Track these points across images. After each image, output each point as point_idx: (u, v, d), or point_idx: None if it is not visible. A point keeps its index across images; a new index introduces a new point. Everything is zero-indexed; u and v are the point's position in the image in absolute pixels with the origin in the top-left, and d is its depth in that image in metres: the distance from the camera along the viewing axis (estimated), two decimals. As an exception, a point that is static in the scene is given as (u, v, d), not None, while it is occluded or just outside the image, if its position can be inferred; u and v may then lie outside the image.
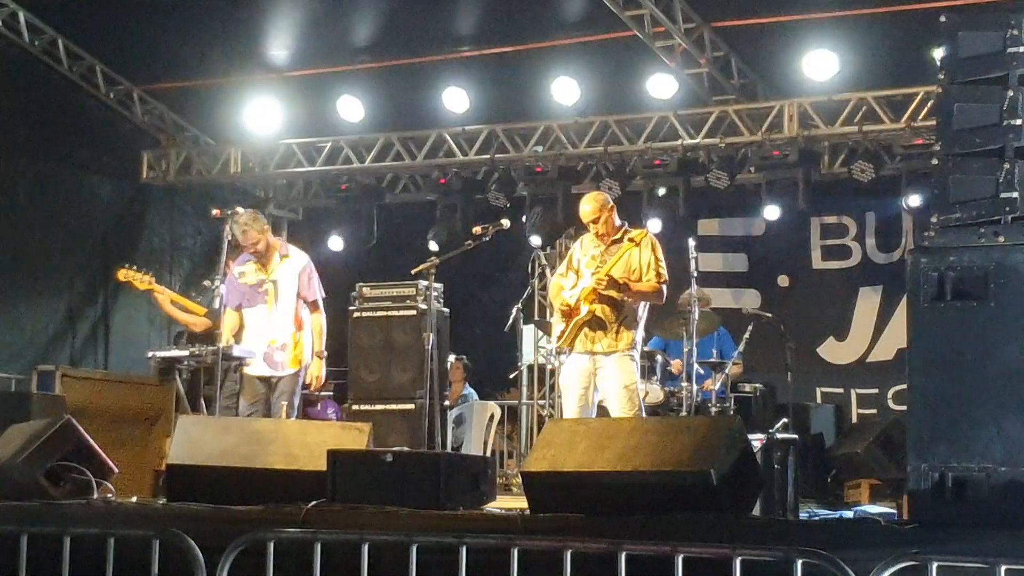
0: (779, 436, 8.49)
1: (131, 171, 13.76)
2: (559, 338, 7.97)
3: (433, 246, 12.72)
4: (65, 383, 9.76)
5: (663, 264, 7.91)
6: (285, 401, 8.50)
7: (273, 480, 6.02)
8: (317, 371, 8.65)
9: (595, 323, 7.79)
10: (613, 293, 7.75)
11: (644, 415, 8.06)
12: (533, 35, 11.97)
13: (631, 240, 7.88)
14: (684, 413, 9.40)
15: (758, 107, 12.04)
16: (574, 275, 8.01)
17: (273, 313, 8.58)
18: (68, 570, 4.81)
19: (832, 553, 4.09)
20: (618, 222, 8.06)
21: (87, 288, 13.14)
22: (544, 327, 12.12)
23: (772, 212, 12.44)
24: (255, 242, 8.53)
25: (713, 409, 9.70)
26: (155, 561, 4.67)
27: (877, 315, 12.76)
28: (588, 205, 7.98)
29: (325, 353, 8.71)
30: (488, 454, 11.26)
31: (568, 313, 7.86)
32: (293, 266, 8.68)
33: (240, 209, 8.78)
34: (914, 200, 11.59)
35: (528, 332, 12.62)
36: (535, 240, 13.00)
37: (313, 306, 8.73)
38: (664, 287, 7.94)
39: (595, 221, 7.93)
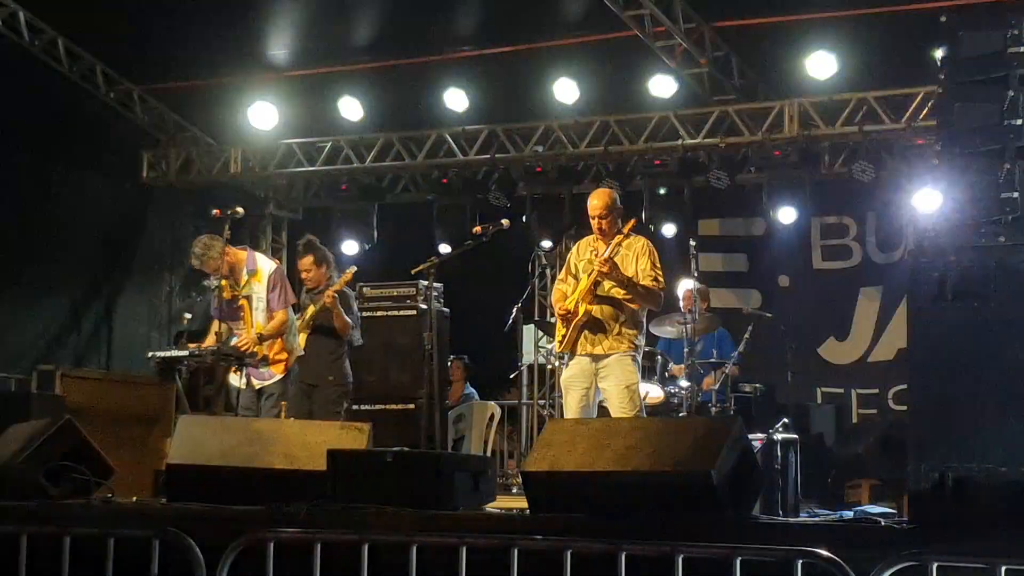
0: (779, 436, 8.50)
1: (131, 171, 13.75)
2: (560, 343, 7.94)
3: (444, 248, 12.34)
4: (65, 383, 9.78)
5: (659, 269, 7.80)
6: (275, 407, 8.51)
7: (273, 480, 6.03)
8: (246, 342, 8.44)
9: (595, 325, 7.73)
10: (617, 292, 7.69)
11: (645, 415, 8.04)
12: (533, 35, 11.96)
13: (627, 247, 7.83)
14: (684, 413, 9.39)
15: (758, 107, 12.02)
16: (573, 280, 7.97)
17: (251, 329, 8.56)
18: (68, 570, 4.81)
19: (832, 553, 4.09)
20: (619, 227, 7.96)
21: (88, 288, 13.14)
22: (545, 327, 12.11)
23: (786, 215, 12.30)
24: (215, 268, 8.51)
25: (713, 409, 9.70)
26: (155, 561, 4.68)
27: (877, 315, 12.74)
28: (597, 200, 7.89)
29: (264, 337, 8.48)
30: (488, 454, 11.27)
31: (567, 317, 7.82)
32: (261, 279, 8.65)
33: (204, 237, 8.65)
34: (918, 199, 11.52)
35: (528, 332, 12.63)
36: (545, 244, 12.99)
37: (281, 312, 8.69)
38: (662, 293, 7.90)
39: (601, 217, 7.84)
